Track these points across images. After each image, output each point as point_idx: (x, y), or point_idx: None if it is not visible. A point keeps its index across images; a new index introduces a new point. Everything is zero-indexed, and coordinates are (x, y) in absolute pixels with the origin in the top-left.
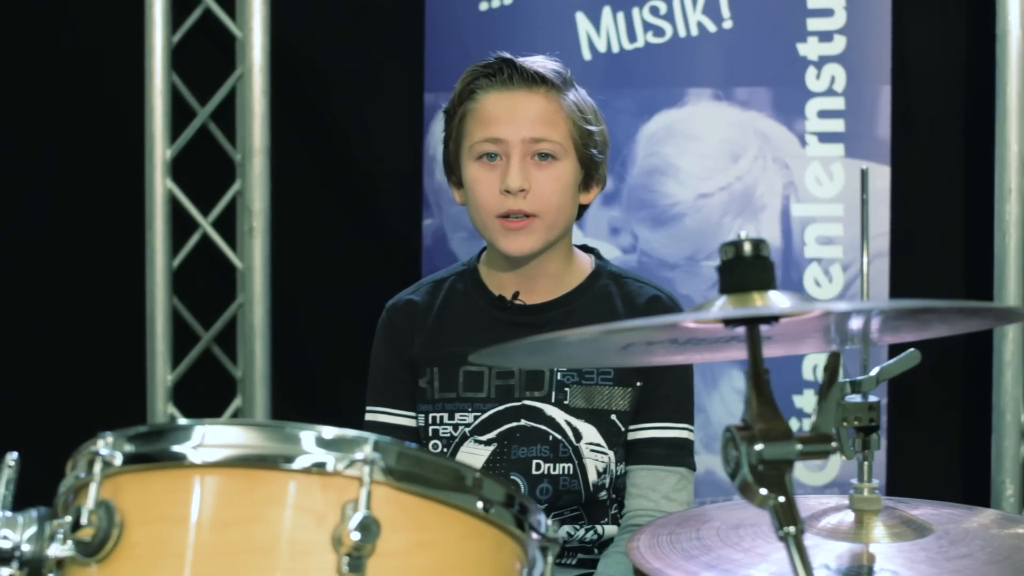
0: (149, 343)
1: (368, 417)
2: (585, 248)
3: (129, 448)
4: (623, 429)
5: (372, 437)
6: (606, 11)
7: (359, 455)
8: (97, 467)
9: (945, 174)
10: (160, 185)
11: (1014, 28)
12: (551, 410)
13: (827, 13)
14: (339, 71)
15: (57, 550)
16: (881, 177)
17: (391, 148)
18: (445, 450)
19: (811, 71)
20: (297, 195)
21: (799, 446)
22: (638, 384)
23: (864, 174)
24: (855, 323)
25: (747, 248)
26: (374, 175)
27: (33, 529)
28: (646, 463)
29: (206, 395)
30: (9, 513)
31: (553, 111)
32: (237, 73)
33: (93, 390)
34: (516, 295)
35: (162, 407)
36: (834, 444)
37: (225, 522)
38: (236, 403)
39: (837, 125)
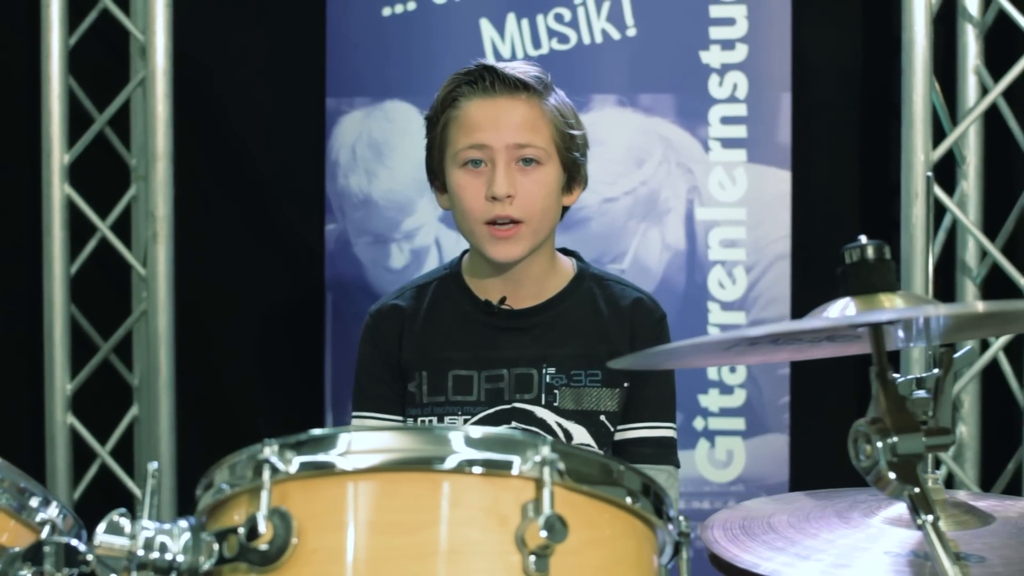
0: (47, 351)
1: (355, 423)
2: (565, 251)
3: (294, 455)
4: (612, 429)
5: (548, 438)
6: (510, 18)
7: (538, 456)
8: (266, 474)
9: (843, 178)
10: (58, 191)
11: (919, 38)
12: (541, 412)
13: (729, 22)
14: (240, 76)
15: (210, 562)
16: (782, 182)
17: (294, 153)
18: None
19: (714, 78)
20: (198, 201)
21: (925, 439)
22: (625, 385)
23: (929, 180)
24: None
25: (871, 251)
26: (276, 180)
27: (187, 540)
28: (635, 462)
29: (101, 404)
30: (162, 524)
31: (536, 116)
32: (139, 77)
33: None
34: (503, 300)
35: (61, 417)
36: (952, 437)
37: (406, 526)
38: (133, 412)
39: (739, 131)
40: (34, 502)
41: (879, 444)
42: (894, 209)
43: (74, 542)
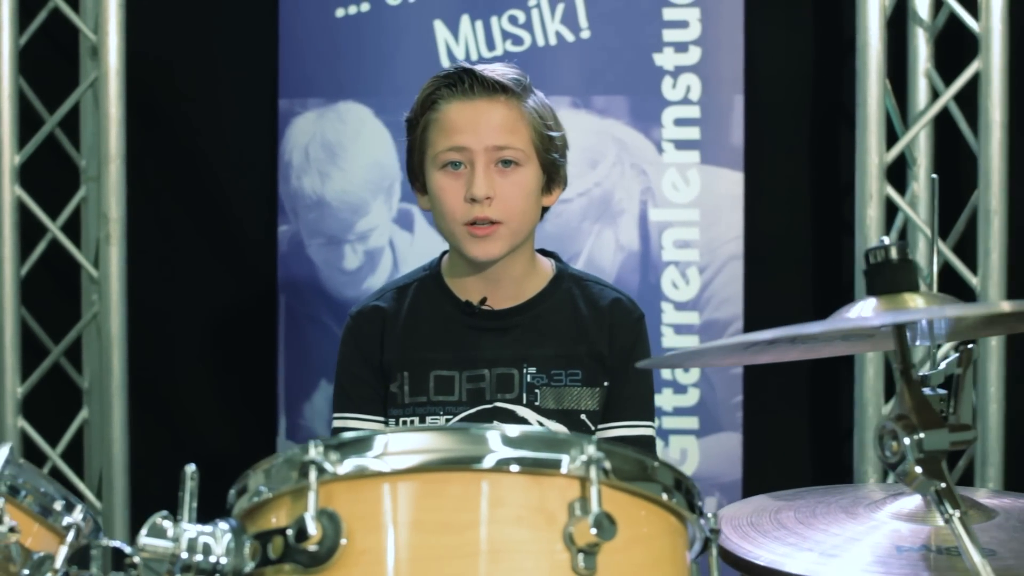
0: None
1: (336, 424)
2: (544, 252)
3: (338, 457)
4: (593, 428)
5: (592, 437)
6: (464, 20)
7: (584, 455)
8: (313, 475)
9: (795, 179)
10: (8, 192)
11: (873, 41)
12: (523, 411)
13: (682, 25)
14: (191, 77)
15: (252, 564)
16: (735, 183)
17: (246, 154)
18: None
19: (667, 80)
20: (149, 202)
21: (949, 435)
22: (605, 384)
23: (933, 183)
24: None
25: (894, 252)
26: (229, 181)
27: (229, 541)
28: None
29: (50, 407)
30: (204, 526)
31: (515, 119)
32: (91, 77)
33: None
34: (484, 300)
35: (12, 420)
36: (974, 432)
37: (453, 526)
38: (83, 415)
39: (693, 133)
40: (58, 506)
41: (906, 440)
42: (845, 210)
43: (120, 545)
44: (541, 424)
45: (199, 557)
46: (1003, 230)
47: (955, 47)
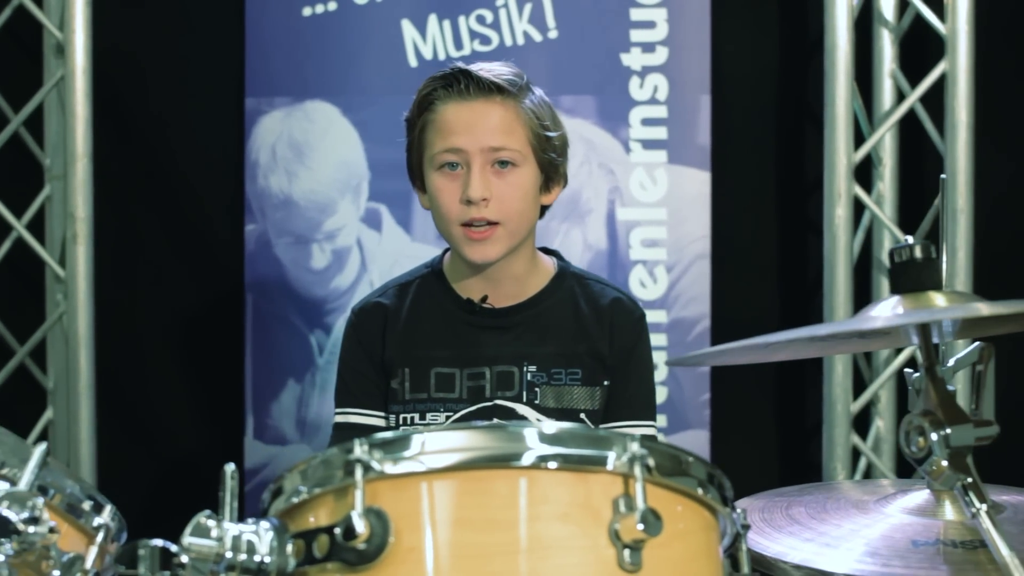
0: None
1: (338, 419)
2: (546, 250)
3: (381, 455)
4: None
5: (636, 435)
6: (432, 19)
7: (628, 452)
8: (359, 474)
9: (760, 179)
10: None
11: (842, 42)
12: (523, 409)
13: (650, 25)
14: (158, 75)
15: (295, 562)
16: (702, 182)
17: (213, 153)
18: None
19: (635, 80)
20: (116, 201)
21: (974, 430)
22: (605, 383)
23: (943, 182)
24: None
25: (919, 251)
26: (196, 181)
27: (271, 540)
28: None
29: (14, 408)
30: (246, 526)
31: (511, 119)
32: (57, 75)
33: None
34: (485, 299)
35: None
36: (996, 428)
37: (499, 523)
38: (48, 415)
39: (660, 132)
40: (86, 506)
41: (933, 436)
42: (810, 209)
43: (167, 544)
44: (540, 423)
45: (243, 556)
46: (969, 228)
47: (920, 48)
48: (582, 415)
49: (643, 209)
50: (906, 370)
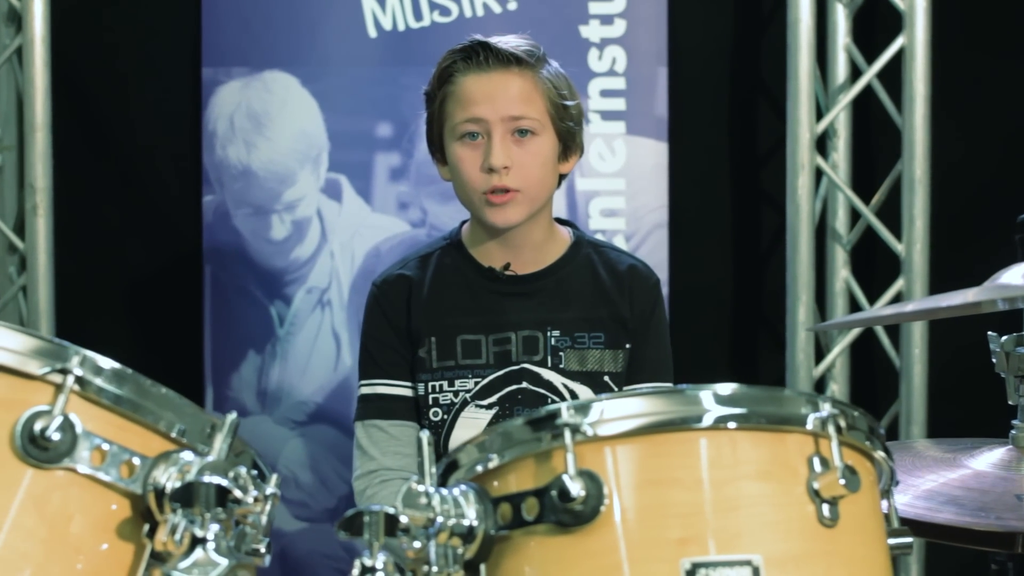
0: None
1: (364, 391)
2: (560, 221)
3: (581, 419)
4: (617, 390)
5: (825, 396)
6: None
7: (822, 412)
8: (568, 437)
9: (716, 150)
10: None
11: (805, 16)
12: (548, 374)
13: None
14: (114, 45)
15: (501, 524)
16: (659, 153)
17: (169, 124)
18: (445, 417)
19: (593, 52)
20: (71, 171)
21: None
22: (627, 347)
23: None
24: None
25: None
26: (152, 151)
27: (476, 503)
28: None
29: None
30: (451, 491)
31: (529, 89)
32: (15, 44)
33: None
34: (507, 266)
35: None
36: None
37: (705, 482)
38: None
39: (618, 104)
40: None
41: None
42: (764, 179)
43: (389, 509)
44: (566, 387)
45: (452, 520)
46: (926, 198)
47: (872, 22)
48: (606, 378)
49: (602, 180)
50: (990, 333)
